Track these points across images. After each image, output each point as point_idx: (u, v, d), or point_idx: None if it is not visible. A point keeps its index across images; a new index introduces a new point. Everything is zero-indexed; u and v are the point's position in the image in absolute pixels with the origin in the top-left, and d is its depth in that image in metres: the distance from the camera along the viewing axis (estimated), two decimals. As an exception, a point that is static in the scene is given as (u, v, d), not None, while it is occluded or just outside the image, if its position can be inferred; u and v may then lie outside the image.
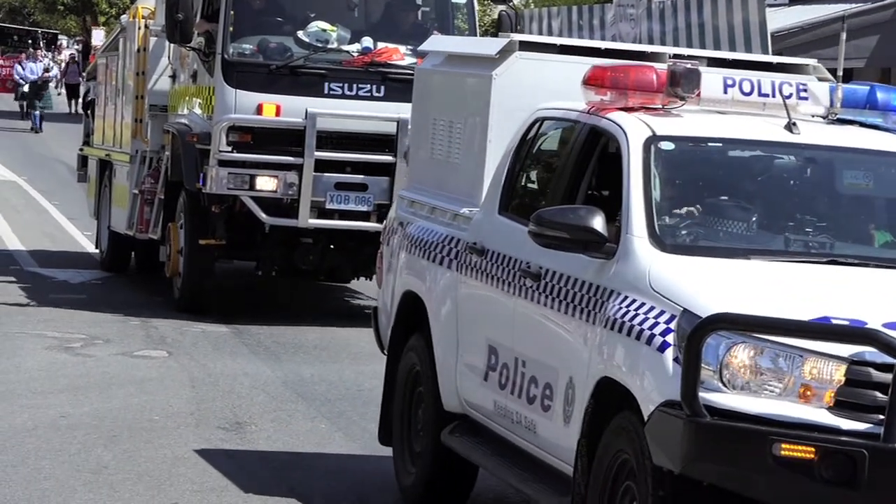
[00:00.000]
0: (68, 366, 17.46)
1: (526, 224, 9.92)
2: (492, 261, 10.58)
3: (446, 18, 20.69)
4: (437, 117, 11.90)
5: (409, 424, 11.59)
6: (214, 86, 19.62)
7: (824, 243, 9.46)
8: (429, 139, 12.01)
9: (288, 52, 19.97)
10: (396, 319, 11.82)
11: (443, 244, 11.22)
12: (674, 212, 9.47)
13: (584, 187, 9.98)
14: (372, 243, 19.32)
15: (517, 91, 10.84)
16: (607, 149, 10.00)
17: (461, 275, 10.95)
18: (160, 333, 19.03)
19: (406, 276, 11.76)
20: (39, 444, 13.37)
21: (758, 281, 8.76)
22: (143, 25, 22.75)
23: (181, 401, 15.85)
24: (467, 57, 11.91)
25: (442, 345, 11.18)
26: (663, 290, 8.61)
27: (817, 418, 7.78)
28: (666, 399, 8.04)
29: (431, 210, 11.60)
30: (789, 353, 7.90)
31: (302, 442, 14.17)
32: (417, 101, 12.54)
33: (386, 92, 19.75)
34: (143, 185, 21.93)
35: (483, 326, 10.77)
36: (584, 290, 9.34)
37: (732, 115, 10.15)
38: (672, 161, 9.60)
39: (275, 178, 19.43)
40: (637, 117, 9.79)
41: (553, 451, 9.64)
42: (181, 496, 11.86)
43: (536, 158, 10.82)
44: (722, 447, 7.84)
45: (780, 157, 9.95)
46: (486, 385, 10.62)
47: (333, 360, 17.78)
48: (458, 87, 11.72)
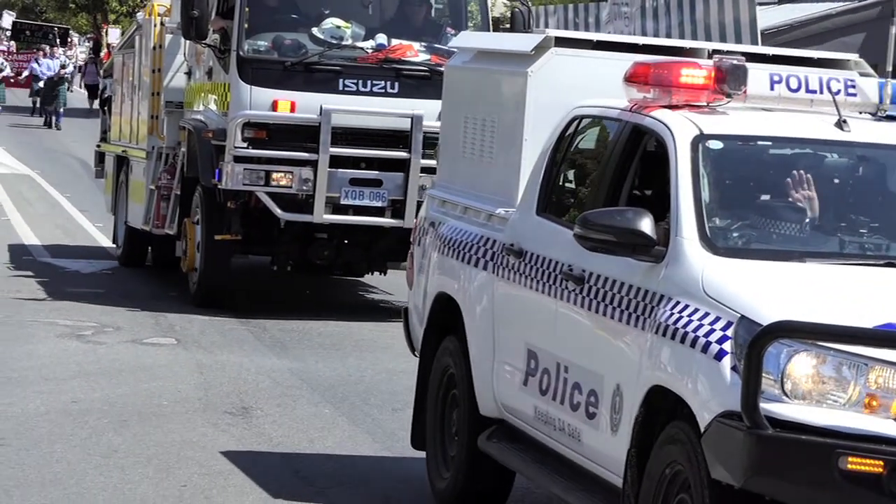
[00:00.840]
0: (79, 353, 17.28)
1: (566, 225, 9.47)
2: (531, 263, 9.85)
3: (460, 15, 20.14)
4: (468, 115, 11.18)
5: (442, 428, 10.93)
6: (230, 82, 19.12)
7: (880, 245, 8.73)
8: (460, 137, 11.29)
9: (303, 49, 19.46)
10: (429, 321, 11.13)
11: (477, 245, 10.51)
12: (724, 213, 8.71)
13: (626, 188, 9.26)
14: (386, 238, 19.70)
15: (553, 88, 10.14)
16: (651, 148, 9.26)
17: (497, 277, 10.23)
18: (169, 322, 18.76)
19: (439, 278, 11.07)
20: (52, 429, 13.25)
21: (815, 285, 8.06)
22: (159, 23, 22.27)
23: (189, 387, 15.70)
24: (500, 53, 11.22)
25: (478, 348, 10.44)
26: (718, 296, 7.90)
27: (885, 430, 7.11)
28: (724, 410, 7.37)
29: (464, 210, 10.93)
30: (854, 362, 7.21)
31: (306, 426, 14.00)
32: (447, 99, 11.93)
33: (400, 88, 19.24)
34: (159, 180, 21.48)
35: (521, 330, 10.04)
36: (632, 295, 8.62)
37: (780, 113, 9.39)
38: (721, 161, 8.86)
39: (290, 173, 18.90)
40: (683, 115, 9.04)
41: (599, 461, 8.93)
42: (189, 479, 11.72)
43: (575, 158, 10.11)
44: (785, 461, 7.16)
45: (832, 156, 9.17)
46: (525, 390, 9.89)
47: (339, 350, 17.48)
48: (491, 84, 11.01)
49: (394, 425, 13.99)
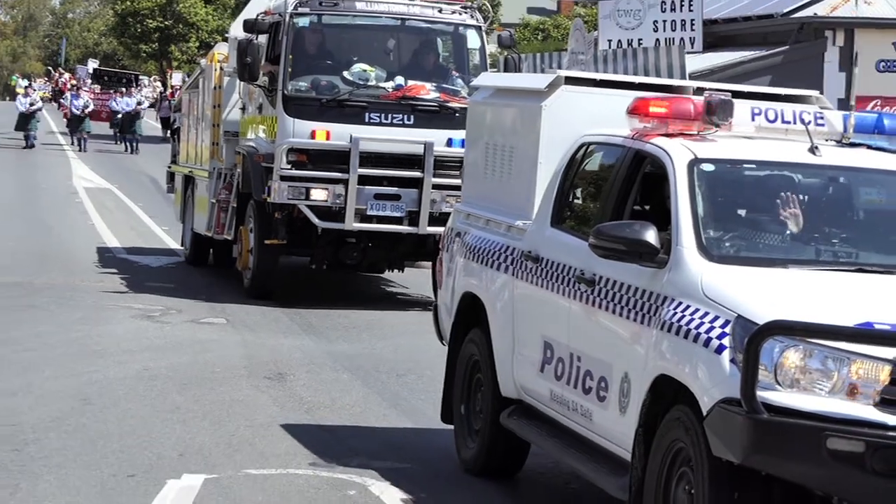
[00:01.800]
0: (149, 330, 16.96)
1: (577, 236, 9.00)
2: (546, 267, 9.24)
3: (463, 61, 19.63)
4: (489, 142, 10.65)
5: (468, 405, 10.36)
6: (277, 116, 18.56)
7: (850, 253, 8.22)
8: (482, 160, 10.74)
9: (336, 89, 18.85)
10: (456, 316, 10.56)
11: (499, 252, 9.93)
12: (717, 226, 8.15)
13: (630, 204, 8.69)
14: (403, 242, 19.23)
15: (563, 119, 9.59)
16: (650, 170, 8.67)
17: (517, 279, 9.63)
18: (222, 307, 18.42)
19: (465, 279, 10.45)
20: (127, 391, 13.17)
21: (799, 288, 7.54)
22: (219, 68, 21.77)
23: (235, 357, 15.38)
24: (517, 90, 10.72)
25: (500, 339, 9.81)
26: (716, 297, 7.38)
27: (865, 415, 6.65)
28: (724, 396, 6.89)
29: (486, 222, 10.35)
30: (837, 356, 6.76)
31: (329, 389, 13.78)
32: (471, 129, 11.32)
33: (415, 120, 18.67)
34: (219, 195, 20.88)
35: (538, 324, 9.42)
36: (639, 296, 8.04)
37: (760, 140, 8.82)
38: (713, 181, 8.29)
39: (326, 190, 18.37)
40: (679, 142, 8.51)
41: (608, 437, 8.36)
42: (237, 430, 11.68)
43: (583, 178, 9.57)
44: (779, 441, 6.69)
45: (806, 177, 8.61)
46: (542, 375, 9.28)
47: (359, 331, 17.06)
48: (509, 116, 10.46)
49: (398, 388, 13.98)
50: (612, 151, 9.14)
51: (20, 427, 11.26)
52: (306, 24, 18.86)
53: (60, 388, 13.08)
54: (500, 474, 10.07)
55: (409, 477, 10.17)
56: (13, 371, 13.85)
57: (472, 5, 20.39)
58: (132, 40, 70.86)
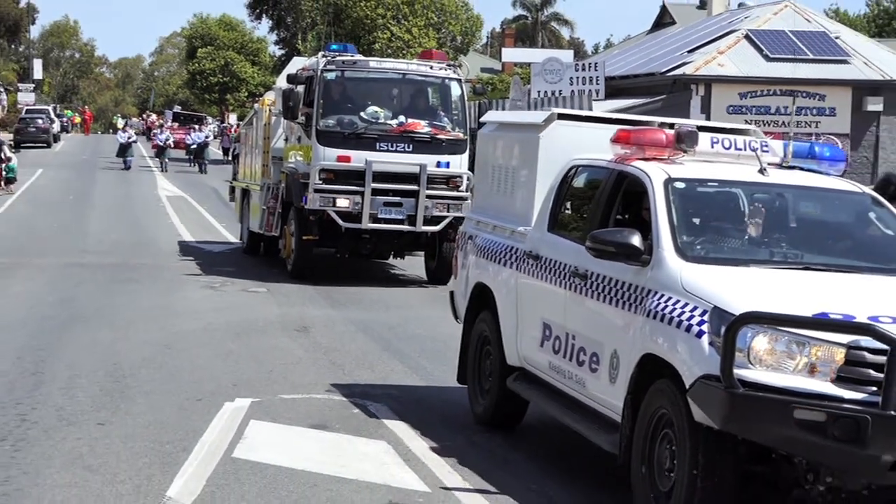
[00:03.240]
0: (213, 297, 16.43)
1: (570, 239, 8.05)
2: (545, 264, 8.21)
3: (448, 104, 18.59)
4: (495, 164, 9.64)
5: (478, 371, 9.30)
6: (311, 145, 17.65)
7: (797, 254, 7.27)
8: (489, 179, 9.72)
9: (355, 125, 17.80)
10: (469, 301, 9.52)
11: (505, 251, 8.89)
12: (688, 232, 7.22)
13: (613, 214, 7.78)
14: (403, 237, 18.32)
15: (556, 146, 8.59)
16: (630, 188, 7.71)
17: (520, 273, 8.60)
18: (265, 283, 17.70)
19: (476, 272, 9.42)
20: (197, 340, 12.82)
21: (762, 283, 6.65)
22: (268, 110, 20.93)
23: (273, 315, 14.79)
24: (518, 124, 9.79)
25: (506, 319, 8.77)
26: (693, 291, 6.54)
27: (824, 389, 5.87)
28: (704, 373, 6.10)
29: (493, 228, 9.34)
30: (799, 340, 5.95)
31: (342, 339, 13.17)
32: (480, 154, 10.15)
33: (413, 148, 17.68)
34: (268, 203, 19.91)
35: (538, 308, 8.36)
36: (626, 289, 7.12)
37: (718, 163, 7.87)
38: (684, 196, 7.38)
39: (348, 199, 17.42)
40: (656, 165, 7.58)
41: (599, 401, 7.45)
42: (274, 366, 11.37)
43: (573, 194, 8.53)
44: (753, 411, 5.94)
45: (758, 193, 7.65)
46: (541, 349, 8.24)
47: (369, 302, 16.22)
48: (511, 144, 9.39)
49: (393, 340, 13.24)
50: (598, 172, 8.11)
51: (120, 365, 11.07)
52: (333, 77, 17.90)
53: (149, 337, 12.76)
54: (505, 425, 9.00)
55: (395, 399, 10.02)
56: (116, 325, 13.56)
57: (454, 64, 19.71)
58: (200, 91, 70.00)
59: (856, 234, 7.49)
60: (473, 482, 7.53)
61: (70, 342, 12.24)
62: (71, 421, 8.67)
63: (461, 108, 18.29)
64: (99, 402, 9.39)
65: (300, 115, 17.80)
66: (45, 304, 15.04)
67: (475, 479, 7.61)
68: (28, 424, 8.50)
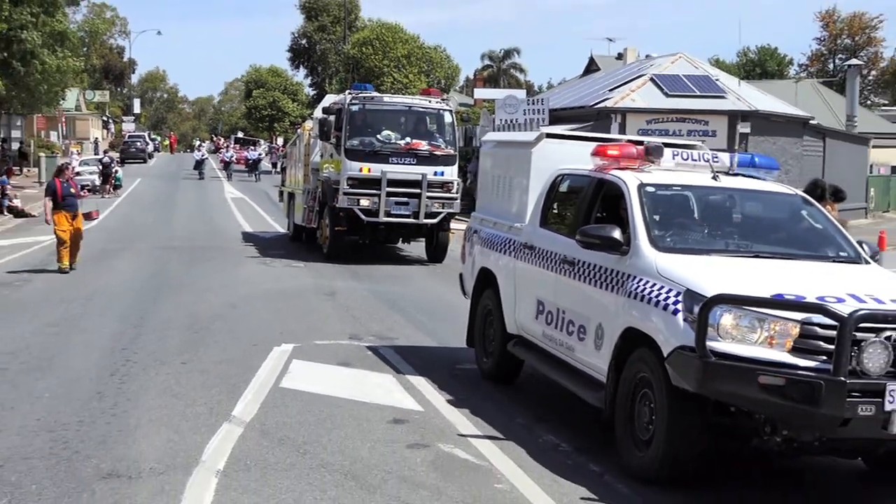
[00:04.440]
0: (266, 271, 15.58)
1: (558, 232, 7.11)
2: (538, 253, 7.25)
3: (442, 129, 17.48)
4: (494, 174, 8.60)
5: (484, 336, 8.30)
6: (341, 159, 16.58)
7: (747, 245, 6.39)
8: (489, 185, 8.69)
9: (373, 144, 16.76)
10: (476, 282, 8.48)
11: (504, 242, 7.93)
12: (659, 227, 6.32)
13: (594, 213, 6.80)
14: (409, 228, 17.25)
15: (546, 159, 7.65)
16: (608, 192, 6.75)
17: (517, 259, 7.63)
18: (304, 262, 16.69)
19: (481, 258, 8.40)
20: (254, 301, 12.18)
21: (723, 269, 5.81)
22: (308, 133, 19.86)
23: (309, 284, 14.01)
24: (513, 142, 8.75)
25: (506, 296, 7.82)
26: (667, 276, 5.73)
27: (781, 358, 5.08)
28: (679, 344, 5.34)
29: (494, 224, 8.31)
30: (760, 317, 5.17)
31: (364, 303, 12.34)
32: (482, 166, 9.15)
33: (416, 161, 16.67)
34: (309, 203, 18.92)
35: (533, 288, 7.37)
36: (608, 273, 6.26)
37: (679, 172, 6.92)
38: (654, 198, 6.46)
39: (368, 199, 16.47)
40: (630, 173, 6.62)
41: (586, 365, 6.56)
42: (310, 321, 10.79)
43: (560, 197, 7.52)
44: (724, 377, 5.14)
45: (712, 195, 6.75)
46: (536, 321, 7.26)
47: (388, 280, 15.03)
48: (508, 157, 8.39)
49: (404, 305, 12.22)
50: (580, 179, 7.14)
51: (197, 320, 10.65)
52: (356, 109, 16.89)
53: (220, 300, 12.20)
54: (505, 381, 8.02)
55: (399, 345, 9.47)
56: (195, 291, 12.94)
57: (446, 99, 18.68)
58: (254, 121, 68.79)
59: (791, 227, 6.61)
60: (459, 405, 7.17)
61: (161, 304, 11.81)
62: (162, 361, 8.44)
63: (452, 131, 17.39)
64: (182, 347, 9.08)
65: (332, 137, 16.83)
66: (143, 276, 14.46)
67: (460, 403, 7.25)
68: (130, 364, 8.28)
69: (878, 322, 4.98)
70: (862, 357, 4.89)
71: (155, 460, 5.58)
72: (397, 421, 6.62)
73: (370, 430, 6.36)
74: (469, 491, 5.28)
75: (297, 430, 6.31)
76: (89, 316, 10.76)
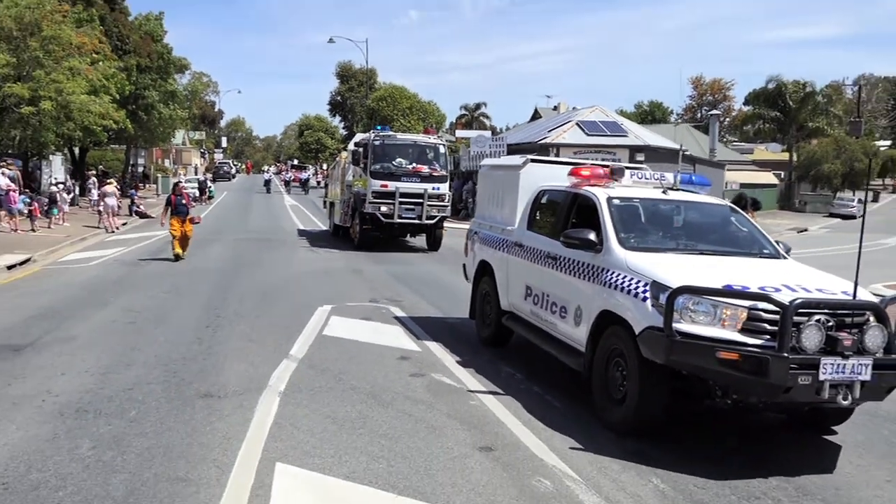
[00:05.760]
0: (313, 256, 14.53)
1: (541, 234, 6.08)
2: (526, 250, 6.29)
3: (438, 157, 16.34)
4: (490, 190, 7.56)
5: (482, 311, 7.31)
6: (367, 179, 15.58)
7: (693, 244, 5.36)
8: (487, 198, 7.65)
9: (389, 168, 15.75)
10: (476, 271, 7.46)
11: (498, 241, 6.93)
12: (625, 231, 5.31)
13: (570, 219, 5.81)
14: (415, 227, 16.06)
15: (531, 177, 6.71)
16: (583, 204, 5.75)
17: (509, 255, 6.64)
18: (340, 249, 15.81)
19: (480, 253, 7.38)
20: (304, 276, 11.34)
21: (679, 264, 4.84)
22: (344, 160, 18.80)
23: (341, 264, 13.13)
24: (505, 165, 7.49)
25: (500, 281, 6.82)
26: (636, 269, 4.83)
27: (733, 337, 4.22)
28: (649, 325, 4.48)
29: (490, 227, 7.30)
30: (714, 303, 4.30)
31: (379, 277, 11.52)
32: (480, 184, 8.06)
33: (420, 180, 15.67)
34: (345, 209, 17.80)
35: (522, 277, 6.38)
36: (585, 266, 5.25)
37: (636, 188, 5.97)
38: (619, 208, 5.49)
39: (386, 206, 15.48)
40: (600, 189, 5.70)
41: (567, 337, 5.55)
42: (341, 288, 10.07)
43: (542, 207, 6.48)
44: (688, 352, 4.26)
45: (663, 205, 5.75)
46: (525, 302, 6.31)
47: (399, 262, 14.16)
48: (501, 177, 7.36)
49: (408, 279, 11.29)
50: (558, 193, 6.16)
51: (265, 287, 10.08)
52: (378, 143, 15.86)
53: (278, 277, 11.29)
54: (499, 345, 7.00)
55: (404, 306, 8.84)
56: (264, 268, 12.21)
57: (440, 136, 18.04)
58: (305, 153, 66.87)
59: (724, 231, 5.71)
60: (446, 347, 6.73)
61: (240, 277, 11.18)
62: (242, 316, 8.05)
63: (445, 159, 16.35)
64: (256, 307, 8.60)
65: (361, 163, 15.82)
66: (228, 258, 13.66)
67: (447, 346, 6.80)
68: (220, 319, 7.86)
69: (811, 308, 4.16)
70: (801, 337, 4.06)
71: (236, 385, 5.39)
72: (403, 358, 6.33)
73: (384, 363, 6.10)
74: (452, 405, 5.10)
75: (334, 363, 6.05)
76: (191, 285, 10.21)
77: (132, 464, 3.87)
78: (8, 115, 19.45)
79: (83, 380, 5.40)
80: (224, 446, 4.14)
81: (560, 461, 4.17)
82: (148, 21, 32.00)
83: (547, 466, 4.08)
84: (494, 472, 3.94)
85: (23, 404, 4.81)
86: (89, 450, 4.06)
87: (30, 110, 18.92)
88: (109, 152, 39.62)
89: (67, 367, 5.70)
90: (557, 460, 4.18)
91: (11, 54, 18.84)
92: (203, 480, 3.67)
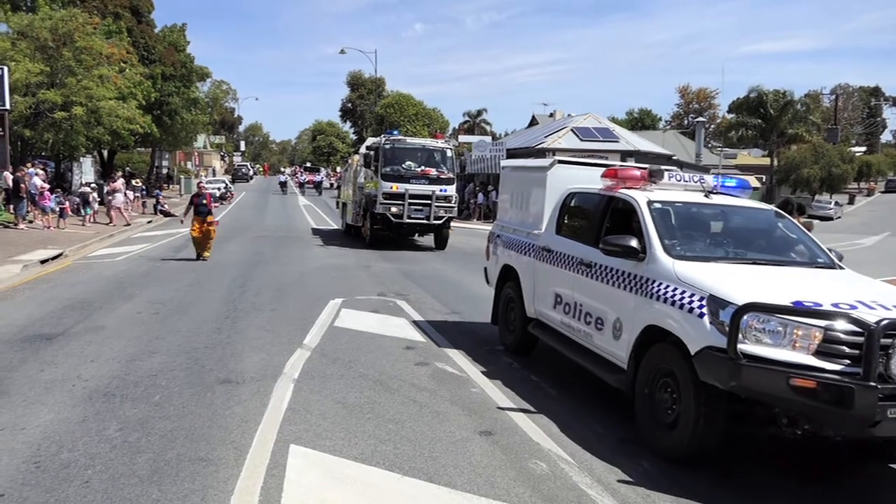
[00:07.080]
0: (324, 251, 14.05)
1: (572, 239, 5.22)
2: (556, 256, 5.45)
3: (445, 160, 15.59)
4: (513, 191, 6.71)
5: (506, 317, 6.46)
6: (378, 181, 14.81)
7: (742, 252, 4.49)
8: (509, 200, 6.79)
9: (399, 170, 14.99)
10: (499, 276, 6.60)
11: (524, 245, 6.09)
12: (668, 237, 4.45)
13: (605, 225, 4.96)
14: (423, 227, 15.21)
15: (558, 179, 5.88)
16: (618, 207, 4.92)
17: (536, 260, 5.81)
18: (352, 247, 15.00)
19: (504, 257, 6.53)
20: (317, 271, 10.83)
21: (733, 275, 3.97)
22: (356, 162, 17.90)
23: (353, 261, 12.48)
24: (529, 167, 6.59)
25: (526, 287, 5.98)
26: (686, 280, 3.97)
27: (808, 362, 3.35)
28: (707, 345, 3.60)
29: (513, 230, 6.45)
30: (784, 322, 3.44)
31: (388, 273, 10.95)
32: (502, 186, 7.14)
33: (428, 182, 14.91)
34: (356, 209, 17.03)
35: (551, 284, 5.54)
36: (626, 276, 4.46)
37: (676, 191, 5.06)
38: (661, 212, 4.64)
39: (396, 207, 14.72)
40: (639, 192, 4.84)
41: (604, 351, 4.71)
42: (351, 283, 9.56)
43: (571, 211, 5.65)
44: (756, 378, 3.41)
45: (706, 210, 4.88)
46: (554, 310, 5.46)
47: (407, 260, 13.46)
48: (525, 179, 6.50)
49: (415, 276, 10.68)
50: (591, 197, 5.30)
51: (281, 282, 9.58)
52: (388, 147, 15.07)
53: (291, 271, 10.83)
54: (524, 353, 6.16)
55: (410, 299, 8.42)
56: (280, 264, 11.69)
57: (448, 140, 17.24)
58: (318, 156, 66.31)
59: (771, 238, 4.87)
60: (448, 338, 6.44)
61: (258, 272, 10.71)
62: (259, 308, 7.71)
63: (452, 162, 15.53)
64: (272, 301, 8.21)
65: (372, 166, 15.02)
66: (246, 253, 13.13)
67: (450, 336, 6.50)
68: (238, 311, 7.54)
69: (898, 329, 3.34)
70: (890, 363, 3.25)
71: (253, 372, 5.22)
72: (408, 348, 6.11)
73: (391, 353, 5.89)
74: (454, 392, 4.92)
75: (344, 353, 5.85)
76: (212, 279, 9.85)
77: (156, 444, 3.81)
78: (42, 119, 19.28)
79: (111, 366, 5.27)
80: (242, 429, 4.06)
81: (555, 445, 4.05)
82: (172, 32, 32.07)
83: (543, 450, 3.97)
84: (494, 455, 3.85)
85: (54, 389, 4.71)
86: (116, 431, 3.99)
87: (62, 115, 18.77)
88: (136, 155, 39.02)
89: (96, 355, 5.57)
90: (553, 444, 4.05)
91: (46, 63, 18.86)
92: (222, 460, 3.62)
